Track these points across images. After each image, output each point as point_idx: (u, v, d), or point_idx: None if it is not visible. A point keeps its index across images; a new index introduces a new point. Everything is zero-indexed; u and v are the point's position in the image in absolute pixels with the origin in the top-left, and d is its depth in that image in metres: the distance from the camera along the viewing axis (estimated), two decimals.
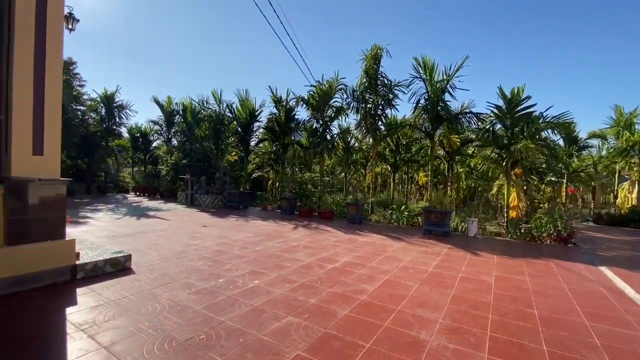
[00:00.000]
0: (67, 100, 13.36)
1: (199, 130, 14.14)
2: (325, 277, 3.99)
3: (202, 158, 13.48)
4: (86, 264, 3.55)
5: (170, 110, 15.07)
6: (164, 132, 15.84)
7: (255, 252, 5.09)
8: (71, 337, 2.34)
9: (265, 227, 7.61)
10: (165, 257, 4.58)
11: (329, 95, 10.67)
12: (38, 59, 3.17)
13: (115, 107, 15.21)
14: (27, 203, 3.13)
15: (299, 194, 10.88)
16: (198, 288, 3.42)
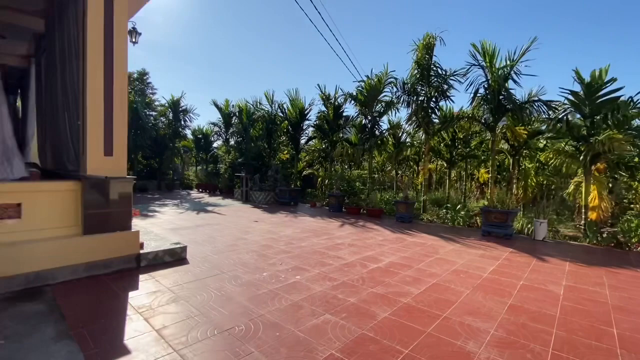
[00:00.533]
0: (141, 106, 15.07)
1: (253, 131, 14.86)
2: (368, 276, 3.89)
3: (256, 157, 14.15)
4: (148, 253, 3.95)
5: (228, 112, 16.07)
6: (223, 133, 16.96)
7: (300, 248, 5.18)
8: (130, 318, 2.62)
9: (312, 223, 7.71)
10: (218, 249, 4.89)
11: (377, 90, 10.38)
12: (107, 73, 3.61)
13: (181, 111, 16.72)
14: (101, 198, 3.58)
15: (347, 192, 10.81)
16: (243, 280, 3.58)
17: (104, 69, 3.58)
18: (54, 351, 2.10)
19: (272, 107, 14.00)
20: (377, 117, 10.95)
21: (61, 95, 4.37)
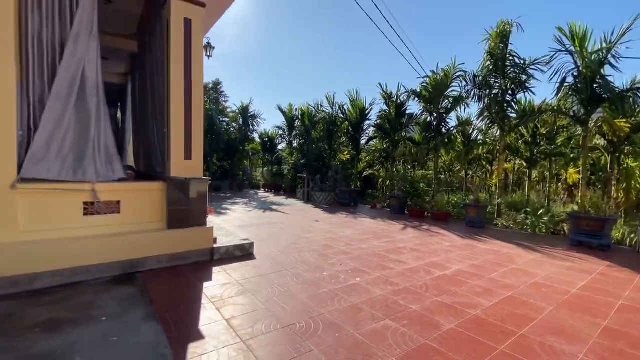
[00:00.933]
0: (215, 114, 16.56)
1: (314, 133, 15.22)
2: (432, 284, 3.67)
3: (317, 158, 14.46)
4: (221, 248, 4.31)
5: (292, 116, 16.74)
6: (287, 135, 17.72)
7: (360, 249, 5.12)
8: (204, 306, 2.88)
9: (372, 225, 7.58)
10: (281, 247, 5.11)
11: (444, 85, 9.76)
12: (186, 86, 4.05)
13: (249, 117, 17.94)
14: (182, 196, 4.02)
15: (409, 193, 10.38)
16: (305, 279, 3.67)
17: (184, 83, 4.02)
18: (143, 330, 2.42)
19: (333, 108, 14.17)
20: (444, 113, 10.29)
21: (151, 107, 5.03)
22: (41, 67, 3.45)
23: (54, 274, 3.21)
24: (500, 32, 8.26)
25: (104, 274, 3.48)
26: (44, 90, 3.45)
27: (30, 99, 3.39)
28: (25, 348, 2.15)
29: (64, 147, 3.51)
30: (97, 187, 3.58)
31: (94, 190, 3.55)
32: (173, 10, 3.94)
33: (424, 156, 12.30)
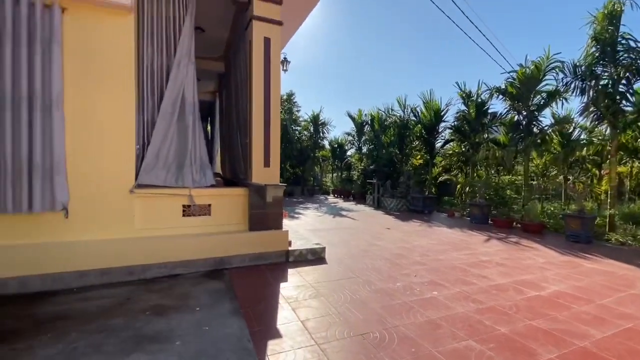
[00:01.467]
0: (289, 123, 17.51)
1: (384, 137, 14.94)
2: (524, 305, 3.24)
3: (387, 163, 14.14)
4: (295, 251, 4.51)
5: (361, 121, 16.74)
6: (356, 141, 17.78)
7: (437, 261, 4.81)
8: (281, 306, 3.04)
9: (450, 235, 7.05)
10: (352, 253, 5.11)
11: (535, 79, 8.64)
12: (266, 100, 4.39)
13: (320, 125, 18.51)
14: (261, 201, 4.33)
15: (493, 201, 9.39)
16: (377, 287, 3.60)
17: (263, 98, 4.37)
18: (230, 324, 2.66)
19: (405, 112, 13.73)
20: (535, 111, 9.09)
21: (235, 120, 5.57)
22: (152, 92, 4.13)
23: (159, 266, 3.77)
24: (609, 12, 6.99)
25: (197, 268, 3.94)
26: (154, 111, 4.11)
27: (144, 119, 4.08)
28: (139, 327, 2.55)
29: (168, 158, 4.11)
30: (193, 192, 4.10)
31: (190, 195, 4.08)
32: (255, 31, 4.32)
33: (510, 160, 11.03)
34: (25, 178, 3.21)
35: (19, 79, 3.19)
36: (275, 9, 4.41)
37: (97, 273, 3.49)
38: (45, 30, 3.31)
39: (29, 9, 3.25)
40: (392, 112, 14.52)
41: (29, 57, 3.24)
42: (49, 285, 3.31)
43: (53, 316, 2.73)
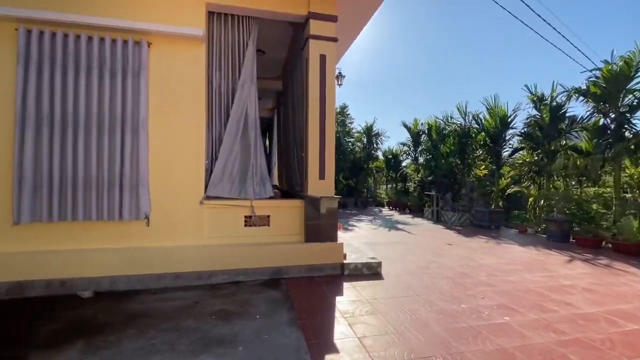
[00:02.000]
0: (342, 135, 17.67)
1: (443, 147, 14.21)
2: (621, 339, 2.75)
3: (447, 174, 13.37)
4: (350, 264, 4.46)
5: (417, 131, 16.19)
6: (412, 151, 17.20)
7: (508, 282, 4.35)
8: (337, 320, 3.02)
9: (522, 254, 6.35)
10: (410, 269, 4.88)
11: (625, 76, 7.51)
12: (321, 115, 4.51)
13: (373, 136, 18.34)
14: (316, 213, 4.41)
15: (575, 216, 8.24)
16: (439, 308, 3.38)
17: (319, 112, 4.50)
18: (288, 334, 2.72)
19: (466, 119, 12.94)
20: (627, 113, 7.88)
21: (292, 135, 5.81)
22: (220, 111, 4.52)
23: (223, 273, 4.02)
24: None
25: (257, 276, 4.12)
26: (221, 129, 4.48)
27: (212, 136, 4.47)
28: (207, 330, 2.74)
29: (233, 171, 4.43)
30: (254, 204, 4.33)
31: (252, 206, 4.32)
32: (311, 49, 4.50)
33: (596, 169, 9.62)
34: (117, 190, 3.73)
35: (114, 106, 3.76)
36: (330, 27, 4.55)
37: (172, 277, 3.85)
38: (135, 63, 3.86)
39: (123, 46, 3.82)
40: (451, 120, 13.80)
41: (123, 86, 3.80)
42: (133, 285, 3.74)
43: (136, 313, 3.07)
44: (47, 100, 3.57)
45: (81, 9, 3.76)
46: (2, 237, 3.55)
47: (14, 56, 3.56)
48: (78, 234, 3.76)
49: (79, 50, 3.69)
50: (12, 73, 3.56)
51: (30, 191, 3.51)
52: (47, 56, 3.59)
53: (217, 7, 4.35)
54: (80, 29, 3.72)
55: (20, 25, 3.55)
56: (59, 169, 3.59)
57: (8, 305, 3.26)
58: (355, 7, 4.76)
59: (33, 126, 3.52)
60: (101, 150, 3.71)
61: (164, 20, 4.00)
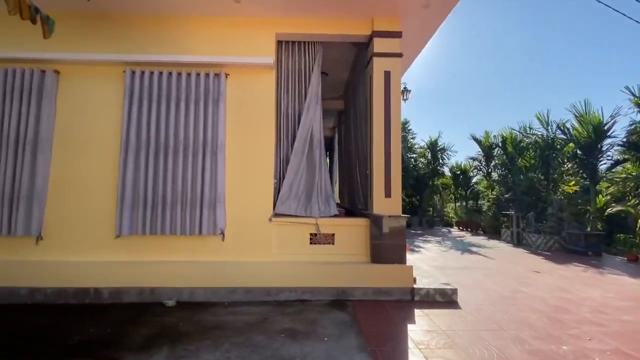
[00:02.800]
0: (404, 151, 17.12)
1: (521, 161, 12.77)
2: None
3: (527, 191, 11.91)
4: (421, 289, 4.14)
5: (489, 144, 14.90)
6: (483, 167, 15.83)
7: (622, 322, 3.58)
8: (411, 351, 2.77)
9: (636, 287, 5.22)
10: (491, 299, 4.35)
11: None
12: (386, 131, 4.42)
13: (438, 151, 17.39)
14: (383, 232, 4.23)
15: None
16: (533, 347, 2.90)
17: (384, 129, 4.41)
18: None
19: (548, 129, 11.53)
20: None
21: (354, 152, 5.77)
22: (287, 132, 4.72)
23: (290, 290, 4.06)
24: None
25: (323, 296, 4.07)
26: (288, 149, 4.66)
27: (280, 156, 4.67)
28: (277, 348, 2.74)
29: (299, 190, 4.54)
30: (319, 222, 4.35)
31: (317, 224, 4.34)
32: (375, 66, 4.49)
33: None
34: (198, 207, 4.08)
35: (197, 131, 4.18)
36: (395, 43, 4.50)
37: (243, 291, 4.02)
38: (215, 92, 4.28)
39: (205, 78, 4.28)
40: (530, 131, 12.43)
41: (204, 113, 4.22)
42: (208, 297, 3.98)
43: (211, 325, 3.24)
44: (145, 129, 4.14)
45: (172, 50, 4.35)
46: (106, 248, 4.12)
47: (121, 92, 4.24)
48: (165, 247, 4.18)
49: (170, 85, 4.24)
50: (119, 107, 4.23)
51: (129, 208, 4.04)
52: (146, 91, 4.19)
53: (285, 35, 4.64)
54: (171, 66, 4.29)
55: (127, 68, 4.23)
56: (152, 189, 4.08)
57: (108, 309, 3.72)
58: (420, 22, 4.65)
59: (134, 151, 4.10)
60: (185, 172, 4.13)
61: (239, 53, 4.40)
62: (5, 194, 3.97)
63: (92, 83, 4.33)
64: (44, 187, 4.12)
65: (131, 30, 4.40)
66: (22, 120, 4.07)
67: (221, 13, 4.42)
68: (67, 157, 4.23)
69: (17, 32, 4.16)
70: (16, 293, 3.89)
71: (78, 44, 4.30)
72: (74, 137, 4.26)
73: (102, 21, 4.38)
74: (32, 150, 4.05)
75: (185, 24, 4.46)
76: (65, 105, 4.29)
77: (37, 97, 4.13)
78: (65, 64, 4.27)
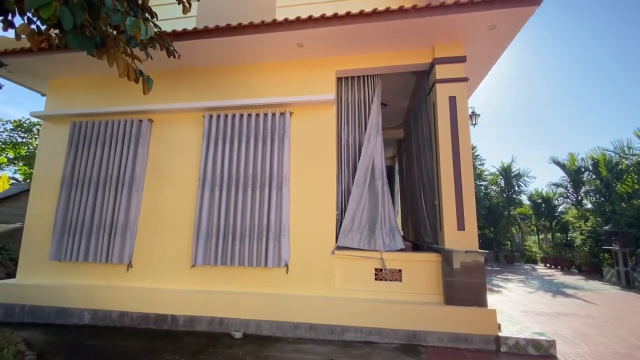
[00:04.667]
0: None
1: (621, 186, 10.86)
2: None
3: (633, 222, 9.95)
4: (508, 338, 3.57)
5: (575, 168, 13.07)
6: (571, 194, 13.82)
7: None
8: None
9: None
10: (601, 355, 3.54)
11: None
12: (455, 158, 4.13)
13: (513, 177, 15.77)
14: (458, 270, 3.83)
15: None
16: None
17: (452, 156, 4.14)
18: None
19: None
20: None
21: (417, 181, 5.50)
22: (348, 164, 4.73)
23: (356, 330, 3.83)
24: None
25: (391, 339, 3.74)
26: (349, 180, 4.64)
27: (341, 188, 4.66)
28: None
29: (361, 222, 4.43)
30: (384, 256, 4.13)
31: (382, 258, 4.12)
32: (438, 92, 4.34)
33: None
34: (264, 240, 4.20)
35: (265, 166, 4.43)
36: (459, 68, 4.34)
37: (307, 327, 3.91)
38: (280, 129, 4.53)
39: (272, 118, 4.58)
40: (629, 152, 10.64)
41: (271, 150, 4.48)
42: (274, 330, 3.96)
43: None
44: (219, 166, 4.52)
45: (243, 94, 4.82)
46: (183, 277, 4.44)
47: (200, 134, 4.76)
48: (234, 278, 4.35)
49: (242, 125, 4.63)
50: (199, 147, 4.73)
51: (204, 240, 4.35)
52: (221, 132, 4.64)
53: (345, 72, 4.82)
54: (242, 109, 4.71)
55: (206, 113, 4.76)
56: (224, 221, 4.36)
57: (184, 337, 3.91)
58: (486, 45, 4.43)
59: (209, 187, 4.48)
60: (254, 205, 4.35)
61: (302, 92, 4.66)
62: (106, 226, 4.60)
63: (178, 128, 4.95)
64: (136, 221, 4.69)
65: (209, 80, 5.00)
66: (122, 163, 4.78)
67: (286, 58, 4.80)
68: (154, 194, 4.80)
69: (119, 90, 5.06)
70: (109, 316, 4.35)
71: (167, 96, 5.01)
72: (161, 176, 4.85)
73: (185, 75, 5.07)
74: (128, 188, 4.69)
75: (255, 70, 4.93)
76: (156, 149, 4.95)
77: (135, 142, 4.84)
78: (157, 113, 4.98)
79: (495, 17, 3.85)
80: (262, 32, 4.22)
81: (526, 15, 3.82)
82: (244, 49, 4.59)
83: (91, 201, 4.73)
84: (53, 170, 5.11)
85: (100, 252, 4.55)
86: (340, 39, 4.35)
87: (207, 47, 4.53)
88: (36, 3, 1.81)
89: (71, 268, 4.77)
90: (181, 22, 5.12)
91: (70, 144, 5.02)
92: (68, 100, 5.40)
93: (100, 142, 4.94)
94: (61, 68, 5.15)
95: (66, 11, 1.85)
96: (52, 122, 5.35)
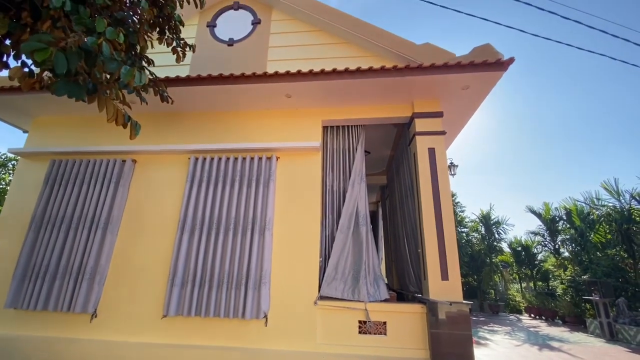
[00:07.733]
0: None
1: (595, 236, 11.27)
2: None
3: (609, 272, 10.18)
4: None
5: (550, 217, 13.58)
6: (548, 242, 14.17)
7: None
8: None
9: None
10: None
11: None
12: (436, 206, 4.23)
13: (493, 224, 16.12)
14: (443, 321, 3.72)
15: None
16: None
17: (433, 205, 4.24)
18: None
19: (620, 199, 10.34)
20: None
21: (401, 228, 5.54)
22: (332, 209, 4.74)
23: None
24: None
25: None
26: (334, 226, 4.62)
27: (325, 234, 4.62)
28: None
29: (345, 269, 4.33)
30: (369, 307, 3.99)
31: (366, 309, 3.97)
32: (418, 144, 4.57)
33: None
34: (243, 288, 4.00)
35: (248, 210, 4.37)
36: (436, 122, 4.63)
37: None
38: (266, 174, 4.57)
39: (258, 162, 4.64)
40: (598, 202, 11.23)
41: (255, 194, 4.46)
42: None
43: None
44: (201, 208, 4.43)
45: (231, 139, 4.91)
46: (153, 329, 4.09)
47: (184, 177, 4.73)
48: (208, 329, 4.04)
49: (227, 169, 4.65)
50: (181, 190, 4.67)
51: (178, 287, 4.10)
52: (206, 174, 4.62)
53: (330, 122, 5.04)
54: (229, 152, 4.76)
55: (192, 155, 4.78)
56: (201, 267, 4.16)
57: None
58: (461, 102, 4.80)
59: (189, 230, 4.34)
60: (234, 250, 4.20)
61: (289, 139, 4.81)
62: (74, 270, 4.29)
63: (161, 169, 4.91)
64: (107, 265, 4.41)
65: (197, 124, 5.10)
66: (100, 203, 4.61)
67: (274, 107, 5.01)
68: (130, 236, 4.59)
69: (104, 129, 5.04)
70: None
71: (154, 137, 5.03)
72: (139, 218, 4.68)
73: (173, 118, 5.17)
74: (103, 230, 4.47)
75: (243, 116, 5.09)
76: (136, 190, 4.84)
77: (115, 182, 4.73)
78: (142, 153, 4.96)
79: (468, 79, 4.23)
80: (253, 83, 4.45)
81: (494, 79, 4.23)
82: (234, 97, 4.78)
83: (60, 243, 4.45)
84: (24, 209, 4.85)
85: (62, 300, 4.17)
86: (326, 92, 4.62)
87: (198, 93, 4.69)
88: (32, 47, 1.86)
89: (29, 317, 4.33)
90: (175, 69, 5.33)
91: (46, 182, 4.84)
92: (50, 137, 5.32)
93: (79, 181, 4.79)
94: (48, 106, 5.16)
95: (61, 56, 1.89)
96: (30, 159, 5.21)
